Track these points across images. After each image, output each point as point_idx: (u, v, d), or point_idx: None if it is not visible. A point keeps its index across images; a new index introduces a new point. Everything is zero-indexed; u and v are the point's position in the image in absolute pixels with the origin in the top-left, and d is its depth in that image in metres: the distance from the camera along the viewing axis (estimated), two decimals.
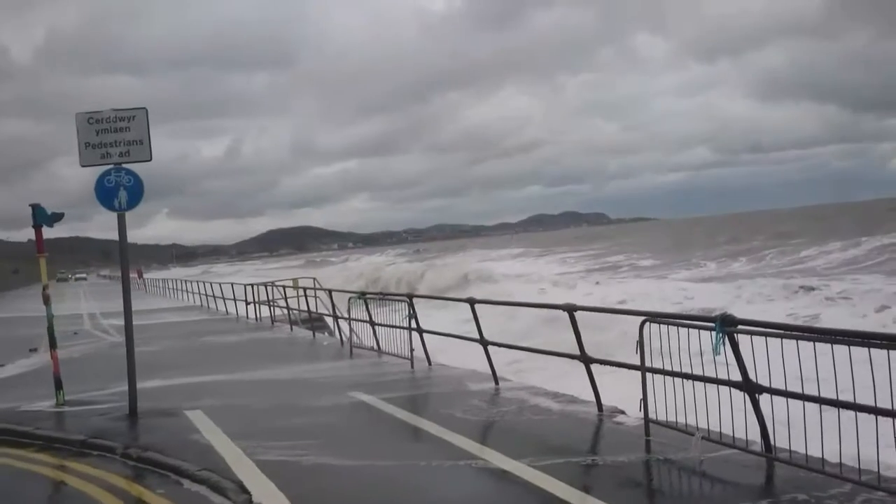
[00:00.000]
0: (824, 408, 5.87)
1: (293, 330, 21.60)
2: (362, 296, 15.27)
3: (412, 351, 13.16)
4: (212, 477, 7.03)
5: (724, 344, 6.40)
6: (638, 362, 7.47)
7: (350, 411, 10.03)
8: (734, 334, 6.41)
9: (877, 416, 5.41)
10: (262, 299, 25.73)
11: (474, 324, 11.45)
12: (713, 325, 6.46)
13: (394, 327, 13.93)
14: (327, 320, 21.48)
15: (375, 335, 15.09)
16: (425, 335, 13.34)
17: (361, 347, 15.97)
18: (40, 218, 10.68)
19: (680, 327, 7.12)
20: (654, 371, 7.50)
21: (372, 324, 15.12)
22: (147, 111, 10.00)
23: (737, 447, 6.81)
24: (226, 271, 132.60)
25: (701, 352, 6.81)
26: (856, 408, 5.54)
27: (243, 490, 6.69)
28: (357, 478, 7.03)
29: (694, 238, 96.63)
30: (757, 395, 6.49)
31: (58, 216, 10.77)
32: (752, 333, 6.33)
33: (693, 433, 7.01)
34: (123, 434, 9.17)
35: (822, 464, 6.04)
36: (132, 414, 10.19)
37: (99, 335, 23.47)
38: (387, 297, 14.50)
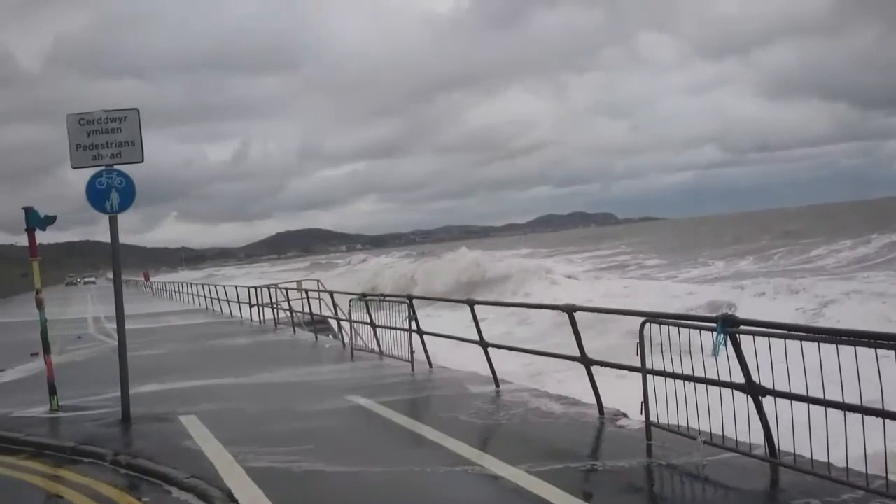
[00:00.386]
0: (830, 410, 5.66)
1: (296, 332, 21.45)
2: (363, 297, 15.10)
3: (412, 353, 12.97)
4: (200, 485, 6.87)
5: (725, 345, 6.21)
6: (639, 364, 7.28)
7: (346, 416, 9.85)
8: (736, 335, 6.21)
9: (884, 420, 5.20)
10: (265, 302, 25.58)
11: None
12: (714, 325, 6.27)
13: (394, 329, 13.75)
14: (331, 322, 21.31)
15: (377, 337, 14.93)
16: (428, 337, 13.13)
17: (363, 350, 15.79)
18: (33, 221, 10.54)
19: (681, 328, 6.94)
20: (655, 373, 7.32)
21: (373, 326, 14.96)
22: (139, 112, 9.81)
23: (740, 451, 6.60)
24: (232, 274, 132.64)
25: (702, 353, 6.64)
26: (863, 411, 5.33)
27: (231, 499, 6.53)
28: (348, 485, 6.85)
29: (701, 238, 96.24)
30: (760, 398, 6.28)
31: (50, 219, 10.62)
32: (754, 334, 6.13)
33: (695, 437, 6.83)
34: (115, 440, 9.02)
35: (829, 468, 5.85)
36: (125, 419, 10.04)
37: (102, 339, 23.38)
38: (387, 298, 14.31)
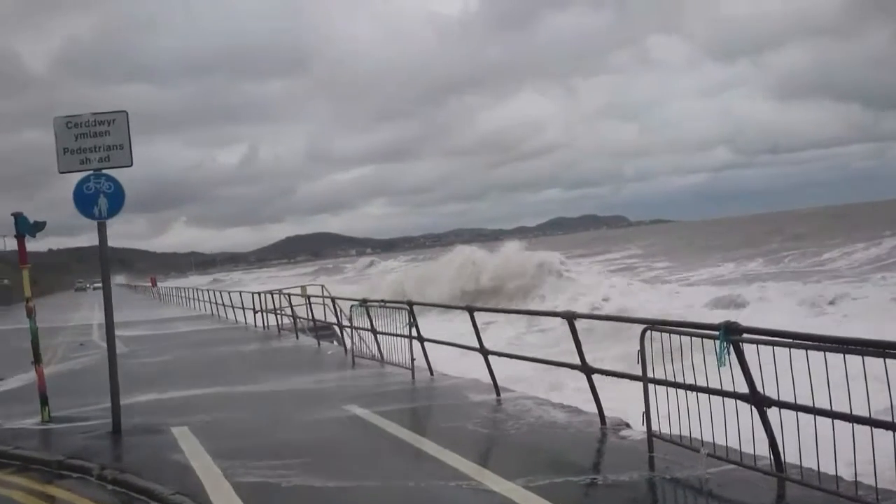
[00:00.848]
0: (837, 422, 5.38)
1: (299, 338, 21.21)
2: (363, 303, 14.85)
3: (413, 360, 12.71)
4: (185, 502, 6.66)
5: (728, 353, 5.94)
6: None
7: (343, 427, 9.58)
8: (740, 343, 5.95)
9: (894, 433, 4.92)
10: (270, 307, 25.36)
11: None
12: (717, 333, 6.02)
13: (395, 336, 13.50)
14: (335, 328, 21.07)
15: (378, 344, 14.69)
16: (432, 343, 12.84)
17: (364, 357, 15.55)
18: (22, 227, 10.33)
19: (683, 336, 6.69)
20: (657, 382, 7.06)
21: (374, 332, 14.72)
22: (127, 115, 9.61)
23: (745, 465, 6.32)
24: (239, 278, 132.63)
25: (704, 360, 6.39)
26: (872, 423, 5.06)
27: None
28: (338, 501, 6.60)
29: (713, 240, 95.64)
30: (765, 409, 6.01)
31: (39, 226, 10.42)
32: (758, 342, 5.86)
33: (699, 449, 6.57)
34: (104, 453, 8.79)
35: (836, 482, 5.58)
36: (116, 431, 9.82)
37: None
38: (387, 304, 14.06)
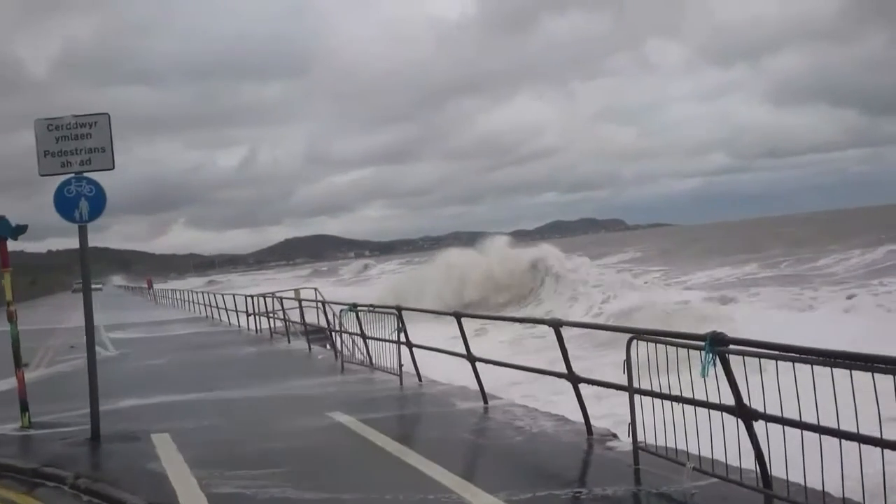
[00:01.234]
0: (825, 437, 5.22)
1: (290, 343, 21.03)
2: (353, 308, 14.69)
3: (401, 366, 12.55)
4: None
5: (714, 365, 5.79)
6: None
7: (326, 435, 9.40)
8: (726, 354, 5.79)
9: (883, 450, 4.77)
10: (262, 311, 25.20)
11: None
12: (702, 343, 5.86)
13: (384, 341, 13.34)
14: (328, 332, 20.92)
15: (367, 349, 14.53)
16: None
17: (354, 362, 15.38)
18: (3, 230, 10.16)
19: (668, 345, 6.53)
20: (643, 392, 6.91)
21: (363, 337, 14.57)
22: (109, 117, 9.47)
23: (731, 480, 6.15)
24: (235, 280, 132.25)
25: (690, 371, 6.23)
26: (860, 439, 4.90)
27: None
28: None
29: (710, 244, 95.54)
30: (752, 422, 5.85)
31: (21, 228, 10.25)
32: (744, 354, 5.70)
33: (685, 462, 6.41)
34: (80, 461, 8.61)
35: (824, 498, 5.42)
36: (94, 438, 9.64)
37: (96, 350, 22.96)
38: (376, 309, 13.90)
